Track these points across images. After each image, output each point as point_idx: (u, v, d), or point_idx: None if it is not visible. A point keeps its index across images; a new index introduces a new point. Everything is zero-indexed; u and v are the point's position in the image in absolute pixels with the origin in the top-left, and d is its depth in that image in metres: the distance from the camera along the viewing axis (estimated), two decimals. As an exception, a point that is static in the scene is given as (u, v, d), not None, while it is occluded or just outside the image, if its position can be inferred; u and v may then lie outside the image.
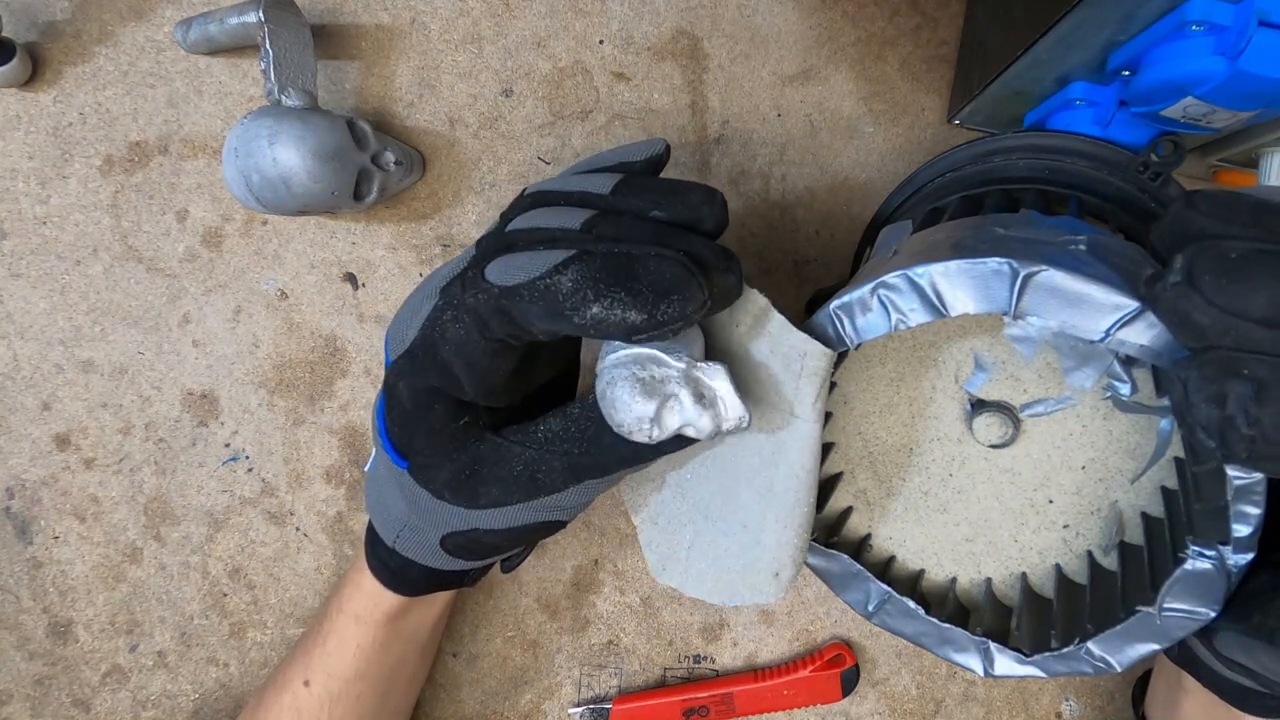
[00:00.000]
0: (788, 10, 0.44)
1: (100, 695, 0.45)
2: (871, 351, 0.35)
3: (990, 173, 0.36)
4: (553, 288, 0.24)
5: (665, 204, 0.26)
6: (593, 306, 0.23)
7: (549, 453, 0.28)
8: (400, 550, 0.33)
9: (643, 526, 0.34)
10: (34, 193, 0.44)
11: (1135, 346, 0.24)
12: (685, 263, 0.24)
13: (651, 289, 0.23)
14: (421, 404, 0.28)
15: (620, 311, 0.23)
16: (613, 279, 0.23)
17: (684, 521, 0.33)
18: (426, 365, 0.28)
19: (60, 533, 0.45)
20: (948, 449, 0.36)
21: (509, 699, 0.45)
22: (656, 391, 0.26)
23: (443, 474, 0.29)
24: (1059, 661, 0.31)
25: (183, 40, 0.42)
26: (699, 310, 0.24)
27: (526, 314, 0.25)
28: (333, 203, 0.39)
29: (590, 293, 0.23)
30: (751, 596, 0.32)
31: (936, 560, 0.37)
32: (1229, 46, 0.27)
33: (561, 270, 0.24)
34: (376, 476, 0.33)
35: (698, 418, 0.26)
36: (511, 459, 0.28)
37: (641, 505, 0.34)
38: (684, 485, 0.33)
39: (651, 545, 0.34)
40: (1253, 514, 0.25)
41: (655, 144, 0.29)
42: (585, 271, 0.24)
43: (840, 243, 0.45)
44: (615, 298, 0.23)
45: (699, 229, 0.26)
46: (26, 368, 0.45)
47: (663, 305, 0.23)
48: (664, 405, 0.26)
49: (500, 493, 0.28)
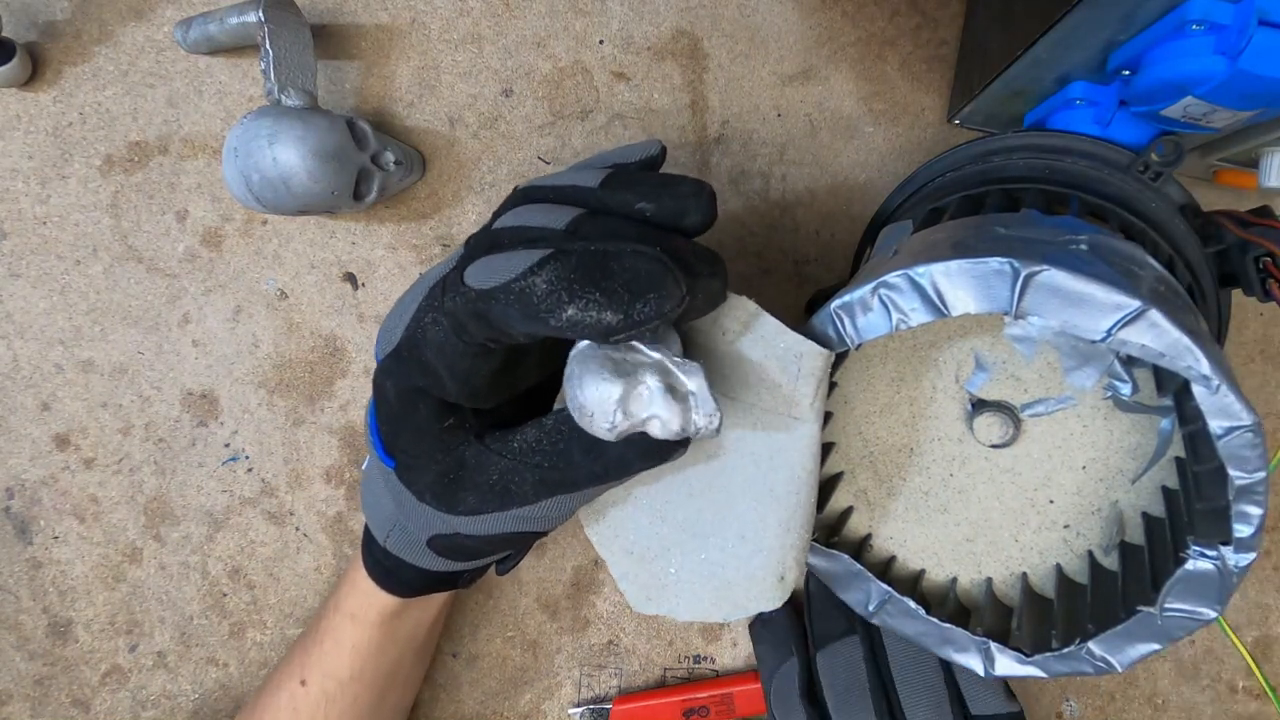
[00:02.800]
0: (788, 10, 0.44)
1: (100, 695, 0.45)
2: (872, 351, 0.35)
3: (990, 172, 0.36)
4: (528, 290, 0.23)
5: (653, 195, 0.26)
6: (568, 308, 0.23)
7: (521, 464, 0.27)
8: (391, 549, 0.33)
9: (616, 560, 0.32)
10: (34, 193, 0.44)
11: (1136, 346, 0.24)
12: (661, 258, 0.23)
13: (627, 288, 0.23)
14: (407, 404, 0.28)
15: (595, 313, 0.23)
16: (587, 279, 0.23)
17: (667, 546, 0.32)
18: (411, 365, 0.27)
19: (60, 533, 0.45)
20: (948, 449, 0.36)
21: (509, 699, 0.45)
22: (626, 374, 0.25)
23: (426, 476, 0.28)
24: (1059, 661, 0.31)
25: (183, 40, 0.42)
26: (676, 307, 0.23)
27: (503, 317, 0.24)
28: (333, 203, 0.39)
29: (565, 294, 0.23)
30: (756, 605, 0.31)
31: (937, 560, 0.37)
32: (1229, 46, 0.27)
33: (536, 271, 0.23)
34: (370, 476, 0.33)
35: (666, 410, 0.25)
36: (489, 467, 0.28)
37: (611, 539, 0.33)
38: (662, 510, 0.32)
39: (629, 577, 0.32)
40: (1254, 514, 0.25)
41: (651, 145, 0.29)
42: (560, 272, 0.23)
43: (840, 243, 0.45)
44: (590, 298, 0.23)
45: (686, 220, 0.26)
46: (26, 368, 0.45)
47: (638, 304, 0.23)
48: (632, 390, 0.25)
49: (476, 501, 0.28)
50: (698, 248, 0.25)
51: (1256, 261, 0.32)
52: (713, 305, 0.26)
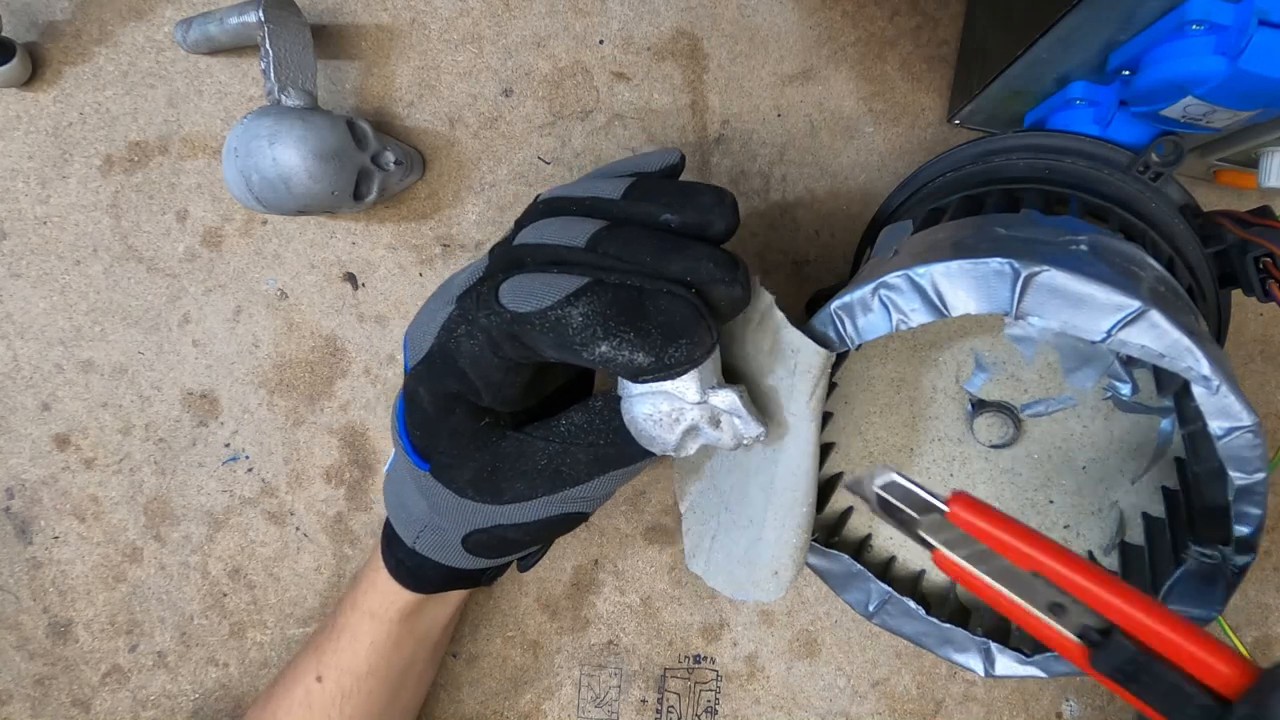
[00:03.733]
0: (788, 10, 0.44)
1: (100, 695, 0.45)
2: (872, 352, 0.35)
3: (990, 173, 0.36)
4: (563, 320, 0.24)
5: (675, 207, 0.26)
6: (601, 345, 0.24)
7: (573, 445, 0.28)
8: (420, 550, 0.33)
9: (686, 514, 0.35)
10: (34, 193, 0.44)
11: (1136, 347, 0.24)
12: (694, 303, 0.24)
13: (660, 330, 0.24)
14: (443, 408, 0.29)
15: (628, 353, 0.24)
16: (623, 316, 0.24)
17: (712, 512, 0.34)
18: (445, 372, 0.28)
19: (60, 533, 0.45)
20: (948, 449, 0.36)
21: (509, 699, 0.45)
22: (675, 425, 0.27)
23: (465, 473, 0.29)
24: (1060, 661, 0.31)
25: (183, 40, 0.42)
26: (706, 354, 0.25)
27: (537, 343, 0.25)
28: (333, 203, 0.39)
29: (600, 329, 0.24)
30: (754, 593, 0.32)
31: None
32: (1229, 46, 0.27)
33: (573, 302, 0.24)
34: (396, 478, 0.33)
35: (717, 439, 0.28)
36: (535, 454, 0.29)
37: (685, 493, 0.35)
38: (715, 476, 0.34)
39: (689, 532, 0.35)
40: (1254, 514, 0.25)
41: (670, 153, 0.29)
42: (596, 306, 0.24)
43: (840, 243, 0.45)
44: (624, 338, 0.24)
45: (710, 231, 0.26)
46: (26, 368, 0.45)
47: (670, 349, 0.24)
48: (684, 435, 0.27)
49: (525, 487, 0.29)
50: (719, 255, 0.25)
51: (1256, 261, 0.32)
52: (735, 312, 0.27)
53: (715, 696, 0.45)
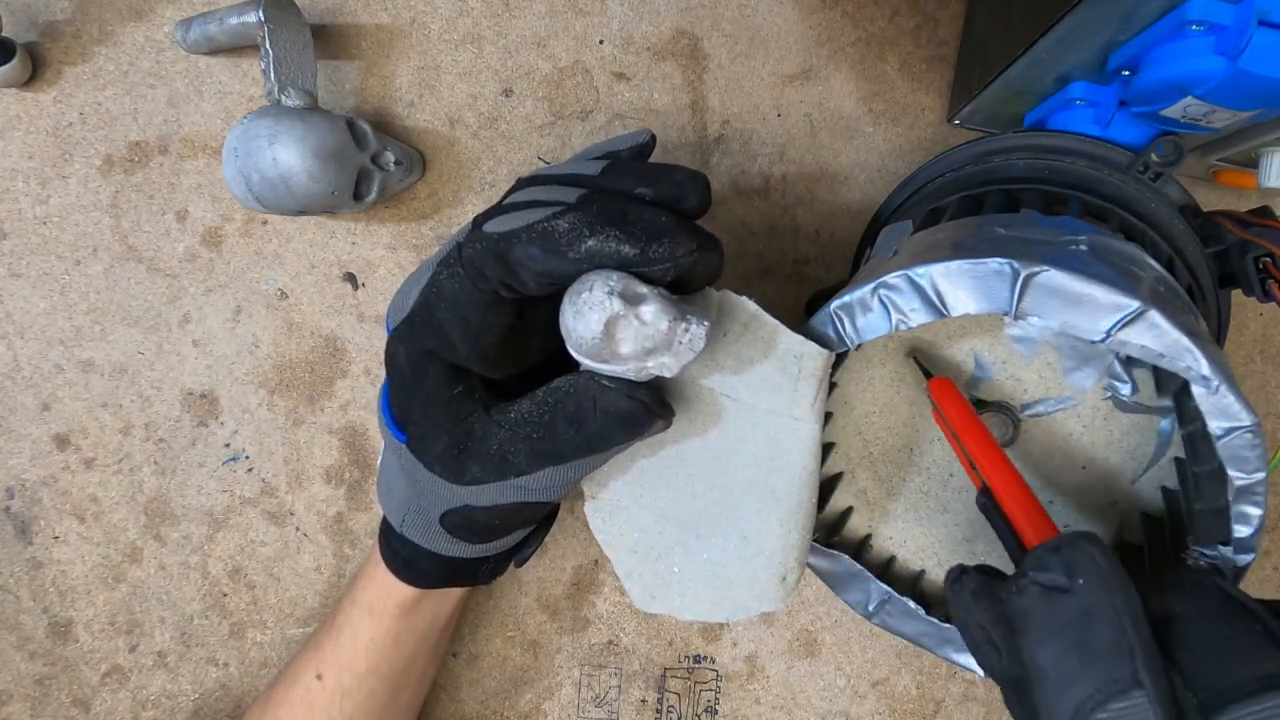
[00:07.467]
0: (788, 10, 0.44)
1: (100, 695, 0.45)
2: (872, 352, 0.35)
3: (990, 173, 0.36)
4: (550, 229, 0.25)
5: (651, 182, 0.27)
6: (588, 240, 0.25)
7: (516, 434, 0.28)
8: (406, 534, 0.33)
9: (620, 559, 0.33)
10: (34, 193, 0.44)
11: (1136, 347, 0.24)
12: (674, 215, 0.26)
13: (644, 230, 0.25)
14: (418, 369, 0.29)
15: (614, 244, 0.25)
16: (608, 219, 0.25)
17: (670, 546, 0.32)
18: (422, 328, 0.28)
19: (60, 533, 0.45)
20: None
21: (509, 699, 0.45)
22: (596, 311, 0.25)
23: (437, 446, 0.29)
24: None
25: (183, 40, 0.42)
26: (688, 256, 0.25)
27: (523, 255, 0.26)
28: (333, 203, 0.39)
29: (586, 230, 0.25)
30: (758, 606, 0.31)
31: (937, 560, 0.37)
32: (1229, 46, 0.27)
33: (559, 215, 0.25)
34: (385, 463, 0.34)
35: (649, 337, 0.25)
36: (490, 437, 0.29)
37: (616, 537, 0.33)
38: (666, 510, 0.32)
39: (633, 576, 0.33)
40: (1253, 514, 0.25)
41: (640, 134, 0.30)
42: (581, 216, 0.25)
43: (840, 243, 0.45)
44: (610, 234, 0.25)
45: (684, 204, 0.27)
46: (26, 368, 0.45)
47: (655, 245, 0.25)
48: (607, 330, 0.25)
49: (480, 470, 0.29)
50: (696, 226, 0.26)
51: (1256, 261, 0.32)
52: (710, 277, 0.27)
53: (715, 696, 0.45)
